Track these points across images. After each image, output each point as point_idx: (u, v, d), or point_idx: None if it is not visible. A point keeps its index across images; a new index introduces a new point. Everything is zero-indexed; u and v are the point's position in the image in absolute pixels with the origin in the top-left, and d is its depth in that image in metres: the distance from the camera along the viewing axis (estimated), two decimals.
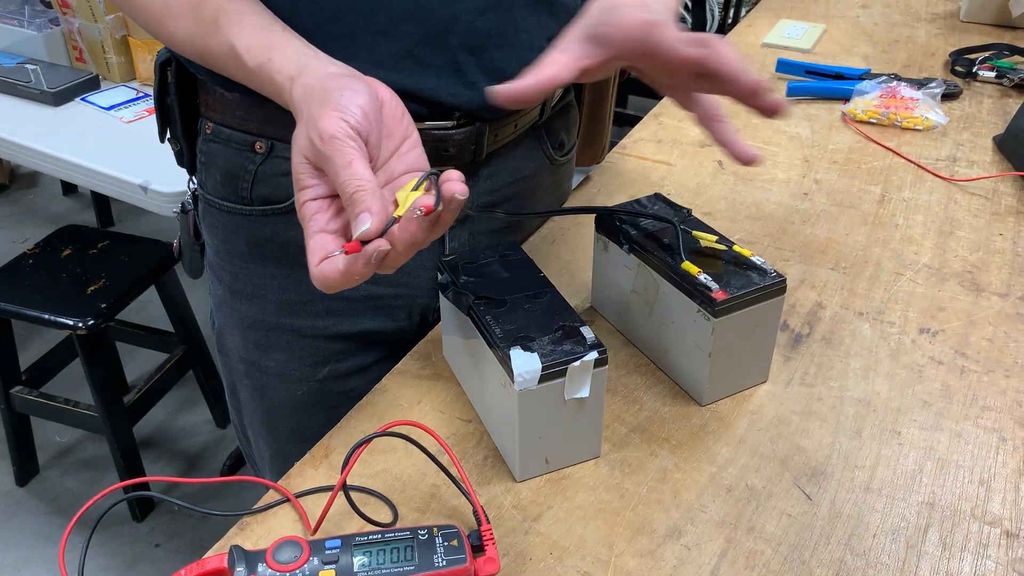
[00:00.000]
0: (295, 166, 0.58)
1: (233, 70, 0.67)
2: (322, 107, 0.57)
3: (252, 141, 0.79)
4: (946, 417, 0.73)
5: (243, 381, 0.93)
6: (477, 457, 0.70)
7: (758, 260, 0.72)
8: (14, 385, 1.86)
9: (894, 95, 1.22)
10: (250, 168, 0.79)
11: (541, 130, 0.89)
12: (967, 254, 0.93)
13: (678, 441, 0.71)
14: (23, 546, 1.84)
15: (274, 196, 0.80)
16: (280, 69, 0.63)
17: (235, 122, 0.79)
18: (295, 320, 0.86)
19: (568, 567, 0.61)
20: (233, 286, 0.87)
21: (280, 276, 0.84)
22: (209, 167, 0.83)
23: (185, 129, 0.83)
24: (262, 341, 0.88)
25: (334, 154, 0.55)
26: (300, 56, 0.63)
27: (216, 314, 0.93)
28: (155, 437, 2.12)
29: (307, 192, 0.57)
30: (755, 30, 1.54)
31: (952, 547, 0.62)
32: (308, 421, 0.91)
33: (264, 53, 0.64)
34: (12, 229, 2.88)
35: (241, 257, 0.85)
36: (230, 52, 0.66)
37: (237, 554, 0.57)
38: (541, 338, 0.64)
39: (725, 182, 1.07)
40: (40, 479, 2.00)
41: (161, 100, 0.83)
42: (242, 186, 0.81)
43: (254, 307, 0.87)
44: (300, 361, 0.88)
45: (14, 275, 1.81)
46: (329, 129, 0.55)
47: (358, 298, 0.85)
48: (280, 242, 0.83)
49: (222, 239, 0.86)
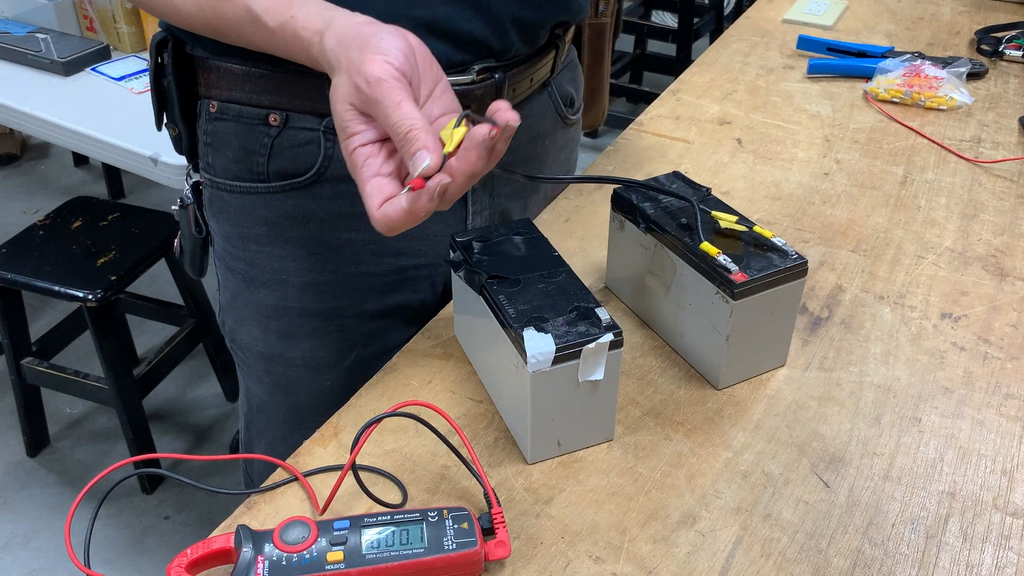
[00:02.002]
0: (340, 115, 0.57)
1: (251, 34, 0.66)
2: (362, 52, 0.56)
3: (265, 114, 0.77)
4: (968, 404, 0.72)
5: (262, 381, 0.89)
6: (488, 438, 0.69)
7: (779, 241, 0.70)
8: (25, 356, 1.86)
9: (918, 74, 1.19)
10: (265, 142, 0.77)
11: (552, 87, 0.88)
12: (991, 237, 0.91)
13: (693, 425, 0.70)
14: (33, 517, 1.85)
15: (291, 169, 0.78)
16: (305, 25, 0.61)
17: (244, 97, 0.77)
18: (319, 303, 0.84)
19: (580, 552, 0.60)
20: (250, 274, 0.84)
21: (300, 257, 0.82)
22: (218, 147, 0.80)
23: (184, 112, 0.80)
24: (285, 330, 0.85)
25: (383, 96, 0.55)
26: (324, 10, 0.62)
27: (228, 310, 0.89)
28: (165, 410, 2.13)
29: (356, 139, 0.57)
30: (776, 5, 1.51)
31: (973, 538, 0.61)
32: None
33: (285, 11, 0.63)
34: (23, 200, 2.88)
35: (257, 241, 0.82)
36: (246, 15, 0.64)
37: (244, 534, 0.56)
38: (555, 319, 0.63)
39: (744, 161, 1.05)
40: (51, 450, 2.01)
41: (157, 83, 0.80)
42: (257, 161, 0.78)
43: (274, 294, 0.84)
44: (327, 348, 0.86)
45: (25, 246, 1.81)
46: (376, 72, 0.55)
47: (382, 272, 0.84)
48: (300, 218, 0.80)
49: (235, 224, 0.83)
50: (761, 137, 1.10)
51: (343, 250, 0.82)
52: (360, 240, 0.81)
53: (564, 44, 0.86)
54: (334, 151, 0.77)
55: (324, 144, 0.77)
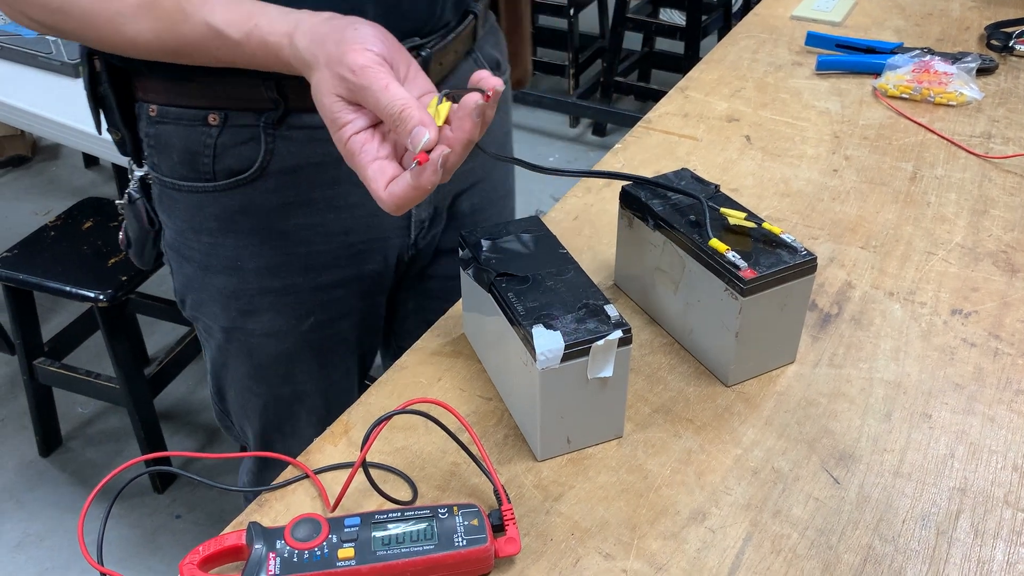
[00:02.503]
0: (329, 107, 0.59)
1: (215, 50, 0.66)
2: (340, 45, 0.58)
3: (204, 115, 0.77)
4: (979, 401, 0.71)
5: (225, 348, 0.92)
6: (498, 436, 0.69)
7: (788, 238, 0.70)
8: (37, 356, 1.87)
9: (927, 69, 1.18)
10: (208, 143, 0.78)
11: (476, 53, 0.89)
12: (1002, 233, 0.91)
13: (703, 422, 0.70)
14: (46, 516, 1.86)
15: (237, 166, 0.79)
16: (271, 30, 0.63)
17: (183, 100, 0.77)
18: (275, 282, 0.86)
19: (590, 548, 0.60)
20: (205, 263, 0.86)
21: (253, 244, 0.84)
22: (161, 149, 0.80)
23: (123, 116, 0.81)
24: (245, 307, 0.88)
25: (371, 82, 0.57)
26: (285, 14, 0.64)
27: (186, 292, 0.91)
28: (176, 409, 2.13)
29: (348, 128, 0.59)
30: (784, 2, 1.51)
31: (984, 534, 0.61)
32: (297, 367, 0.92)
33: (247, 22, 0.64)
34: (34, 201, 2.89)
35: (210, 233, 0.84)
36: (208, 32, 0.65)
37: (255, 531, 0.57)
38: (564, 316, 0.63)
39: (753, 158, 1.05)
40: (63, 450, 2.02)
41: (94, 90, 0.81)
42: (203, 162, 0.79)
43: (232, 279, 0.86)
44: (286, 317, 0.89)
45: (36, 247, 1.82)
46: (360, 60, 0.57)
47: (333, 249, 0.86)
48: (249, 211, 0.82)
49: (186, 219, 0.84)
50: (770, 134, 1.10)
51: (293, 234, 0.84)
52: (309, 224, 0.84)
53: (482, 11, 0.88)
54: (274, 145, 0.78)
55: (264, 139, 0.78)
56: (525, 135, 3.37)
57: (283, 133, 0.78)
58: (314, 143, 0.79)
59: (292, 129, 0.78)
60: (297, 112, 0.77)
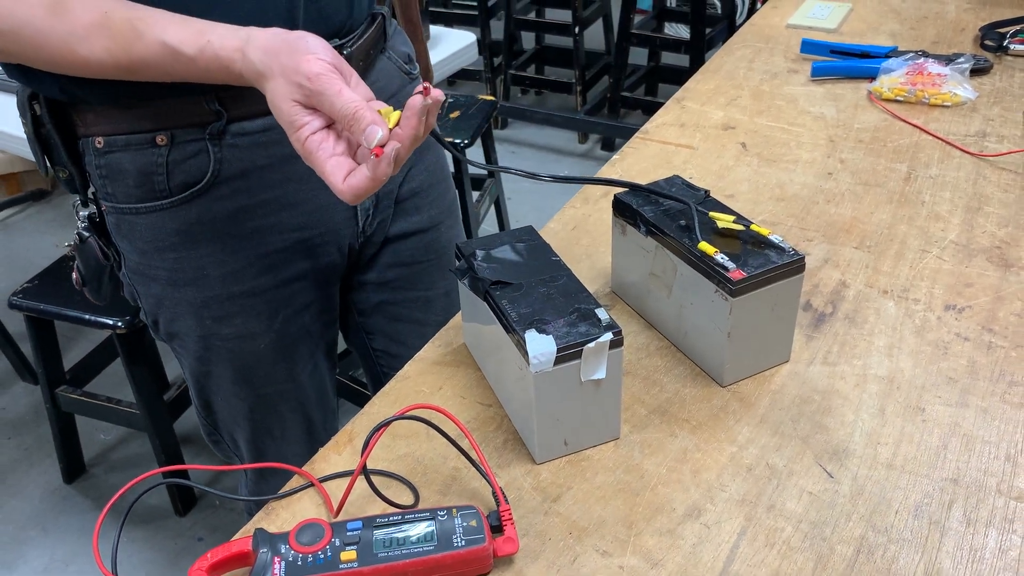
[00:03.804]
0: (287, 112, 0.65)
1: (168, 67, 0.70)
2: (293, 55, 0.64)
3: (152, 137, 0.80)
4: (972, 393, 0.72)
5: (203, 357, 0.95)
6: (497, 440, 0.70)
7: (776, 239, 0.72)
8: (59, 385, 1.91)
9: (921, 72, 1.20)
10: (159, 162, 0.81)
11: (389, 51, 0.94)
12: (996, 229, 0.92)
13: (698, 422, 0.71)
14: (70, 541, 1.89)
15: (190, 179, 0.83)
16: (223, 45, 0.68)
17: (128, 127, 0.80)
18: (241, 285, 0.90)
19: (587, 546, 0.61)
20: (172, 278, 0.89)
21: (215, 252, 0.87)
22: (114, 177, 0.83)
23: (69, 153, 0.84)
24: (217, 314, 0.91)
25: (325, 88, 0.63)
26: (234, 31, 0.68)
27: (158, 311, 0.93)
28: (196, 433, 2.16)
29: (305, 129, 0.65)
30: (780, 12, 1.53)
31: (977, 523, 0.62)
32: (275, 365, 0.97)
33: (199, 38, 0.68)
34: (55, 233, 2.95)
35: (174, 248, 0.87)
36: (162, 49, 0.69)
37: (261, 536, 0.58)
38: (556, 320, 0.65)
39: (748, 164, 1.06)
40: (86, 476, 2.05)
41: (37, 133, 0.83)
42: (157, 181, 0.82)
43: (201, 289, 0.89)
44: (257, 318, 0.93)
45: (56, 277, 1.86)
46: (314, 68, 0.63)
47: (290, 246, 0.90)
48: (207, 221, 0.85)
49: (148, 240, 0.87)
50: (765, 140, 1.11)
51: (251, 237, 0.88)
52: (264, 225, 0.88)
53: (388, 13, 0.94)
54: (222, 154, 0.82)
55: (212, 150, 0.82)
56: (535, 152, 3.40)
57: (228, 142, 0.82)
58: (258, 147, 0.83)
59: (236, 137, 0.82)
60: (238, 120, 0.81)
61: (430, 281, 1.05)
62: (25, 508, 1.97)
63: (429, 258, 1.04)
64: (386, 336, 1.08)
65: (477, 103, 2.27)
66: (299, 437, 1.04)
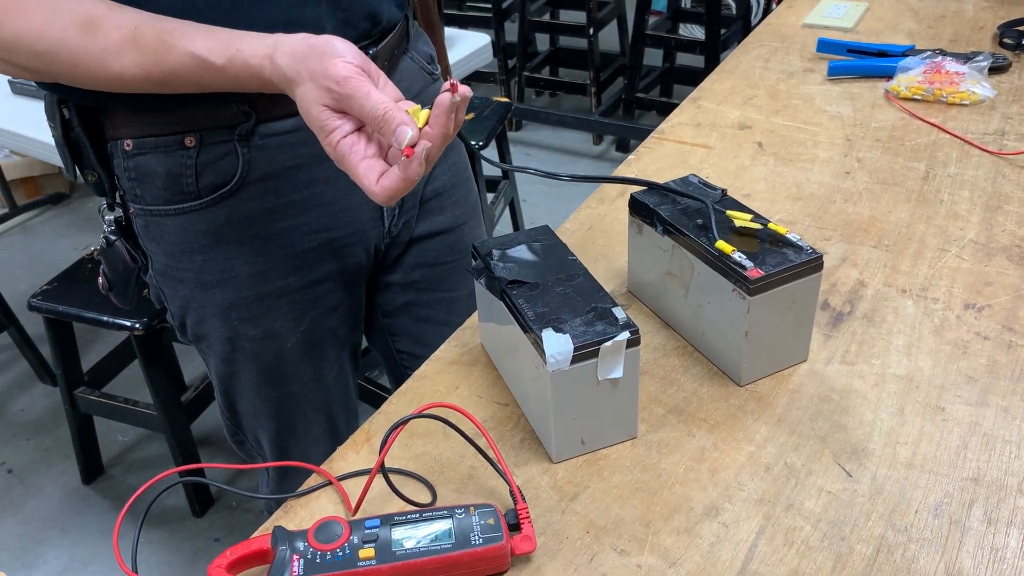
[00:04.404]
0: (317, 117, 0.66)
1: (198, 77, 0.71)
2: (321, 60, 0.65)
3: (181, 139, 0.81)
4: (992, 392, 0.72)
5: (230, 358, 0.96)
6: (514, 439, 0.70)
7: (794, 237, 0.71)
8: (77, 386, 1.92)
9: (939, 70, 1.19)
10: (189, 164, 0.82)
11: (412, 52, 0.94)
12: (1015, 228, 0.91)
13: (716, 421, 0.71)
14: (89, 542, 1.90)
15: (219, 181, 0.83)
16: (252, 53, 0.69)
17: (157, 129, 0.81)
18: (269, 286, 0.90)
19: (605, 545, 0.61)
20: (200, 280, 0.90)
21: (244, 253, 0.88)
22: (143, 180, 0.84)
23: (98, 157, 0.84)
24: (244, 315, 0.92)
25: (354, 90, 0.63)
26: (262, 38, 0.69)
27: (186, 313, 0.93)
28: (213, 434, 2.17)
29: (336, 133, 0.65)
30: (796, 11, 1.52)
31: (998, 522, 0.61)
32: (300, 365, 0.97)
33: (227, 48, 0.69)
34: (73, 236, 2.97)
35: (202, 251, 0.87)
36: (192, 61, 0.70)
37: (280, 534, 0.59)
38: (573, 320, 0.65)
39: (765, 163, 1.06)
40: (104, 477, 2.07)
41: (66, 137, 0.84)
42: (187, 183, 0.83)
43: (228, 290, 0.90)
44: (284, 319, 0.93)
45: (75, 279, 1.87)
46: (343, 72, 0.64)
47: (317, 246, 0.90)
48: (236, 222, 0.86)
49: (177, 242, 0.87)
50: (782, 140, 1.11)
51: (279, 237, 0.88)
52: (293, 225, 0.88)
53: (410, 15, 0.94)
54: (251, 155, 0.83)
55: (241, 151, 0.82)
56: (550, 154, 3.40)
57: (256, 143, 0.82)
58: (286, 148, 0.83)
59: (264, 138, 0.82)
60: (266, 122, 0.82)
61: (454, 282, 1.06)
62: (44, 509, 1.99)
63: (453, 259, 1.04)
64: (410, 338, 1.08)
65: (491, 105, 2.27)
66: (322, 437, 1.04)
